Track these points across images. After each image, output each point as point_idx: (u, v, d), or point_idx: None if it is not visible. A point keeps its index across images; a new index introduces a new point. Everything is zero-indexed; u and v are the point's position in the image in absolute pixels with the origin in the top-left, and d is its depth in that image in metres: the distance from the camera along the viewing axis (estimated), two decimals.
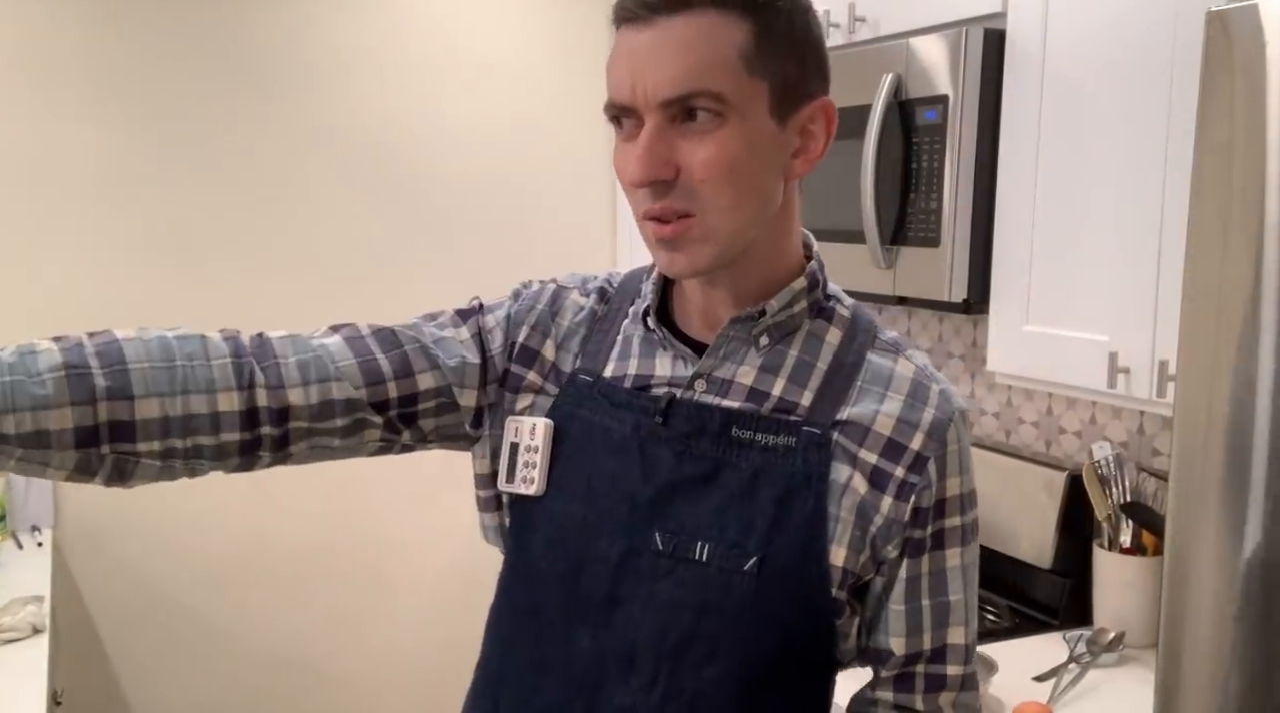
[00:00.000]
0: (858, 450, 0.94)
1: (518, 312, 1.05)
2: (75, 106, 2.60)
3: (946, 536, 0.97)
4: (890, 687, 1.01)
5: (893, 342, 1.03)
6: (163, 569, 2.79)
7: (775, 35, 0.89)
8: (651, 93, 0.87)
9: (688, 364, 0.98)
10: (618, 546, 0.95)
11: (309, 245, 2.86)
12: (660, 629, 0.94)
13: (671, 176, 0.88)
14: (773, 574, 0.92)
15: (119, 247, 2.67)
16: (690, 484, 0.95)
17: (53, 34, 2.57)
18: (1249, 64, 1.08)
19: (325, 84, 2.83)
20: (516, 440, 1.01)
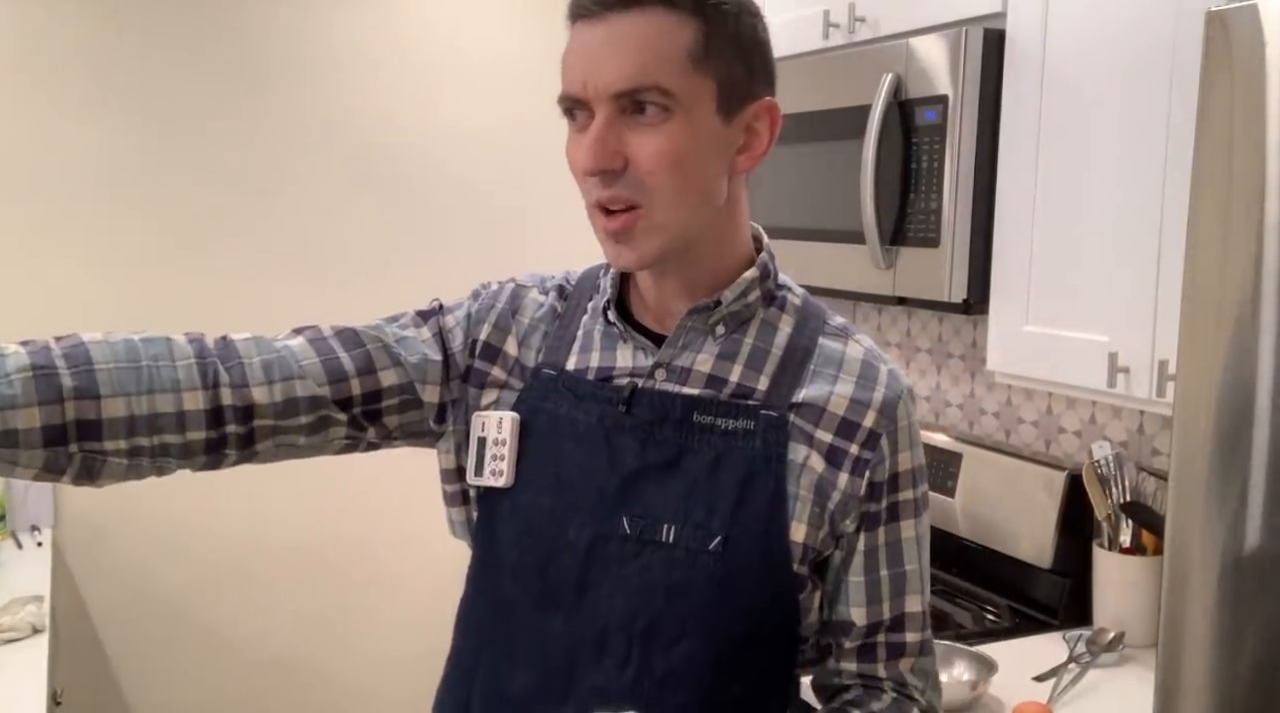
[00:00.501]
0: (814, 431, 0.99)
1: (478, 310, 1.08)
2: (76, 105, 2.60)
3: (900, 508, 1.02)
4: (854, 658, 1.05)
5: (841, 326, 1.06)
6: (163, 569, 2.79)
7: (722, 36, 0.93)
8: (602, 86, 0.91)
9: (647, 355, 1.02)
10: (586, 533, 0.98)
11: (309, 244, 2.86)
12: (631, 612, 0.97)
13: (620, 167, 0.92)
14: (737, 553, 0.96)
15: (120, 245, 2.67)
16: (655, 470, 0.98)
17: (53, 33, 2.57)
18: (1249, 64, 1.08)
19: (326, 83, 2.83)
20: (484, 435, 1.03)
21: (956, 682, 1.72)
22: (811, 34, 2.21)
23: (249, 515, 2.86)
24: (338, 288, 2.87)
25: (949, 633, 1.95)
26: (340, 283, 2.88)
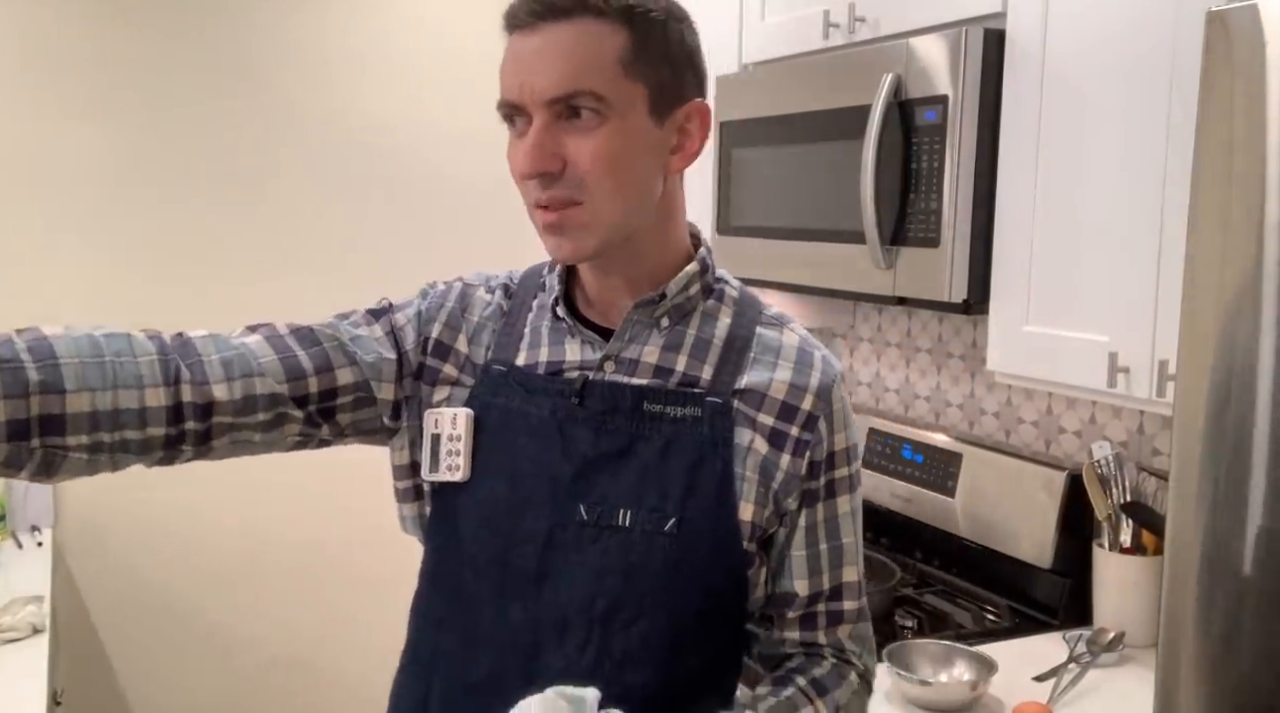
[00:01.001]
0: (756, 415, 1.05)
1: (428, 308, 1.10)
2: (76, 106, 2.60)
3: (837, 485, 1.09)
4: (796, 627, 1.10)
5: (776, 316, 1.12)
6: (163, 569, 2.79)
7: (651, 43, 0.98)
8: (538, 92, 0.95)
9: (595, 348, 1.06)
10: (544, 522, 1.02)
11: (308, 243, 2.86)
12: (590, 595, 1.01)
13: (558, 169, 0.96)
14: (690, 533, 1.01)
15: (119, 245, 2.67)
16: (608, 459, 1.03)
17: (53, 34, 2.57)
18: (1249, 64, 1.08)
19: (324, 84, 2.84)
20: (438, 432, 1.06)
21: (956, 682, 1.72)
22: (811, 34, 2.21)
23: (249, 516, 2.86)
24: (335, 287, 2.86)
25: (949, 633, 1.95)
26: (338, 282, 2.88)
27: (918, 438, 2.36)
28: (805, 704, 1.05)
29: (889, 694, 1.73)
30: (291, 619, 2.94)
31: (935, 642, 1.82)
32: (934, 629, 1.99)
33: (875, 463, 2.46)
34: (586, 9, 0.95)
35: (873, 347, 2.67)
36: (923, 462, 2.33)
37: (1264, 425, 1.09)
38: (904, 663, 1.74)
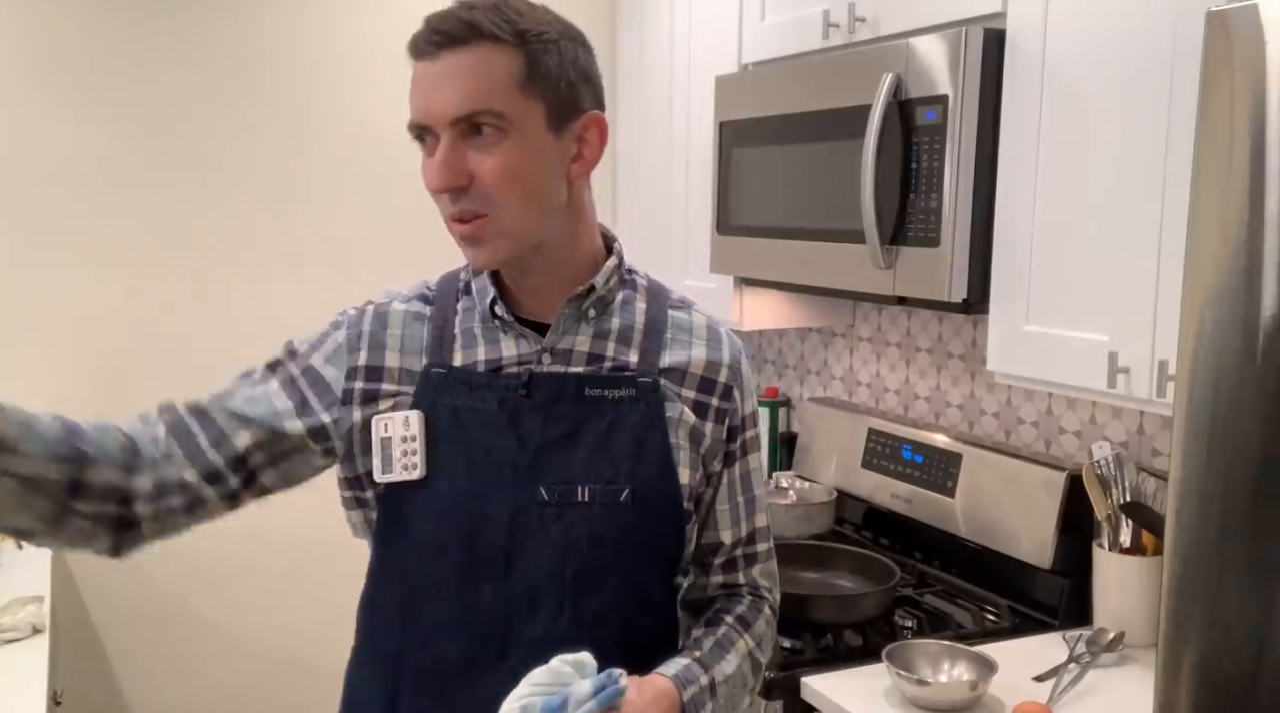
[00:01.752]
0: (680, 389, 1.18)
1: (348, 338, 1.18)
2: (75, 106, 2.60)
3: (748, 445, 1.24)
4: (721, 572, 1.26)
5: (680, 300, 1.25)
6: (162, 569, 2.79)
7: (545, 64, 1.06)
8: (443, 113, 1.04)
9: (531, 343, 1.15)
10: (507, 505, 1.11)
11: (308, 244, 2.86)
12: (560, 566, 1.11)
13: (466, 183, 1.05)
14: (642, 500, 1.13)
15: (118, 245, 2.67)
16: (560, 441, 1.12)
17: (52, 35, 2.57)
18: (1249, 64, 1.08)
19: (325, 84, 2.84)
20: (388, 435, 1.13)
21: (956, 682, 1.72)
22: (811, 34, 2.21)
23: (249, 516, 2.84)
24: (336, 287, 2.86)
25: (949, 633, 1.95)
26: (339, 283, 2.88)
27: (918, 438, 2.36)
28: (738, 638, 1.21)
29: (889, 694, 1.73)
30: (291, 619, 2.94)
31: (935, 642, 1.82)
32: (934, 629, 1.99)
33: (875, 463, 2.46)
34: (482, 36, 1.04)
35: (873, 347, 2.67)
36: (923, 462, 2.33)
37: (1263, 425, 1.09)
38: (904, 663, 1.74)
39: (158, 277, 2.71)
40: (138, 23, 2.63)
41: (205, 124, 2.73)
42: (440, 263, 1.53)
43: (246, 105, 2.76)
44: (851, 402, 2.73)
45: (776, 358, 3.04)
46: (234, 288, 2.77)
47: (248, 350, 2.78)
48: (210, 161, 2.74)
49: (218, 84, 2.72)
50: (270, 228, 2.81)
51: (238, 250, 2.78)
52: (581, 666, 1.00)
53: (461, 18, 1.04)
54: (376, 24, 2.86)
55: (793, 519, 2.42)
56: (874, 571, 2.11)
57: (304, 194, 2.84)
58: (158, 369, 2.72)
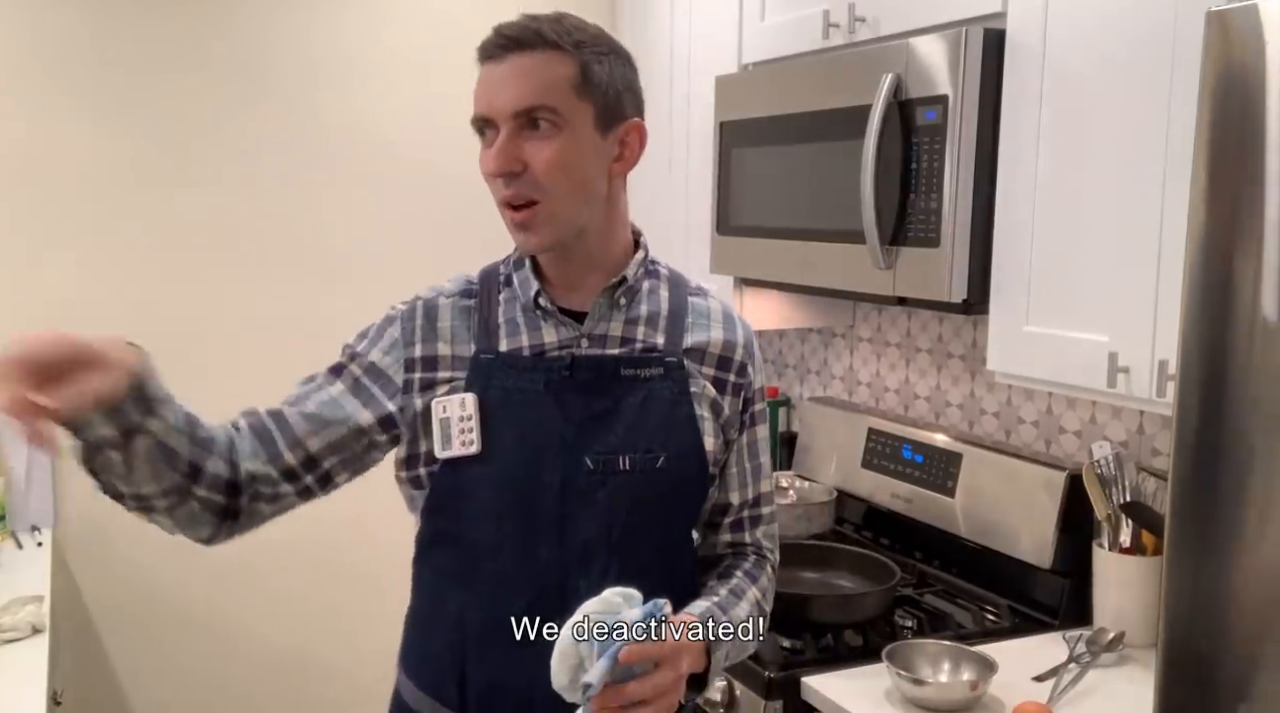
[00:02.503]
0: (701, 367, 1.32)
1: (404, 331, 1.29)
2: (81, 107, 2.60)
3: (757, 416, 1.38)
4: (729, 531, 1.39)
5: (699, 287, 1.40)
6: (163, 569, 2.79)
7: (596, 72, 1.20)
8: (505, 106, 1.18)
9: (570, 329, 1.28)
10: (558, 474, 1.23)
11: (308, 244, 2.86)
12: (606, 527, 1.24)
13: (520, 170, 1.18)
14: (677, 466, 1.27)
15: (119, 245, 2.68)
16: (601, 417, 1.25)
17: (52, 36, 2.57)
18: (1249, 64, 1.08)
19: (326, 84, 2.84)
20: (446, 416, 1.25)
21: (956, 682, 1.72)
22: (811, 34, 2.21)
23: None
24: (337, 288, 2.87)
25: (949, 633, 1.95)
26: (340, 283, 2.88)
27: (918, 438, 2.36)
28: (748, 588, 1.34)
29: (889, 694, 1.73)
30: (291, 619, 2.94)
31: (935, 642, 1.82)
32: (934, 629, 1.99)
33: (875, 463, 2.46)
34: (545, 43, 1.18)
35: (873, 347, 2.67)
36: (923, 462, 2.33)
37: (1263, 425, 1.09)
38: (904, 663, 1.74)
39: (157, 277, 2.71)
40: (146, 23, 2.63)
41: (206, 124, 2.73)
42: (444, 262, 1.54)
43: (248, 105, 2.76)
44: (851, 402, 2.73)
45: (776, 358, 3.04)
46: (242, 287, 2.77)
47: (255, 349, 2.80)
48: (211, 162, 2.74)
49: (226, 85, 2.72)
50: (271, 228, 2.81)
51: (238, 251, 2.78)
52: (630, 597, 1.11)
53: (529, 26, 1.19)
54: (384, 26, 2.86)
55: (793, 519, 2.42)
56: (874, 571, 2.11)
57: (305, 194, 2.84)
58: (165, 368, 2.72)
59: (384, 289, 2.98)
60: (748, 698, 1.84)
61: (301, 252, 2.85)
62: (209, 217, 2.76)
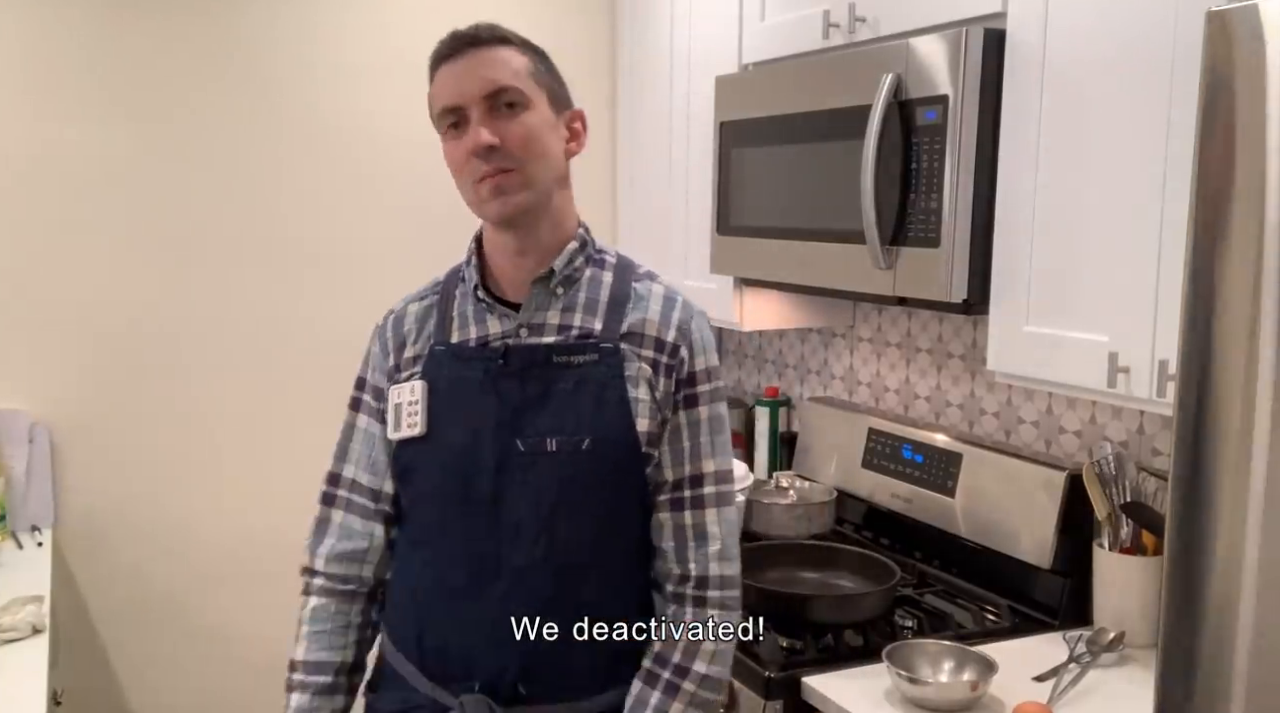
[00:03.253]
0: (639, 350, 1.37)
1: (381, 347, 1.45)
2: (80, 108, 2.60)
3: (697, 398, 1.40)
4: (668, 509, 1.40)
5: (647, 272, 1.45)
6: (163, 569, 2.79)
7: (544, 64, 1.37)
8: (475, 92, 1.30)
9: (510, 320, 1.38)
10: (493, 456, 1.33)
11: (309, 244, 2.86)
12: (536, 504, 1.33)
13: (498, 143, 1.29)
14: (602, 447, 1.33)
15: (118, 246, 2.67)
16: (534, 401, 1.34)
17: (51, 36, 2.57)
18: (1249, 64, 1.08)
19: (326, 85, 2.84)
20: (399, 401, 1.39)
21: (956, 682, 1.72)
22: (811, 34, 2.21)
23: (249, 515, 2.86)
24: (337, 288, 2.87)
25: (949, 633, 1.95)
26: (340, 283, 2.88)
27: (918, 438, 2.36)
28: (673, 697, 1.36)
29: (889, 694, 1.73)
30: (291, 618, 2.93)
31: (935, 642, 1.82)
32: (934, 629, 1.99)
33: (875, 463, 2.46)
34: (498, 41, 1.33)
35: (873, 347, 2.67)
36: (923, 462, 2.33)
37: (1264, 425, 1.09)
38: (904, 663, 1.74)
39: (165, 275, 2.71)
40: (139, 25, 2.63)
41: (206, 125, 2.72)
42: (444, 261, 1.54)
43: (249, 106, 2.75)
44: (851, 402, 2.73)
45: (776, 358, 3.04)
46: (242, 287, 2.77)
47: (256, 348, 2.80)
48: (212, 162, 2.74)
49: (218, 85, 2.72)
50: (271, 228, 2.81)
51: (238, 250, 2.78)
52: None
53: (481, 26, 1.33)
54: (386, 28, 2.86)
55: (793, 519, 2.42)
56: (874, 571, 2.11)
57: (305, 194, 2.84)
58: (168, 366, 2.72)
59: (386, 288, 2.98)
60: (748, 698, 1.84)
61: (302, 251, 2.85)
62: (209, 216, 2.75)
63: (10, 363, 2.59)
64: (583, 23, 3.06)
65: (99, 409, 2.69)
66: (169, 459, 2.76)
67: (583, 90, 3.06)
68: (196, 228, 2.74)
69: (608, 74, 3.09)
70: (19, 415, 2.58)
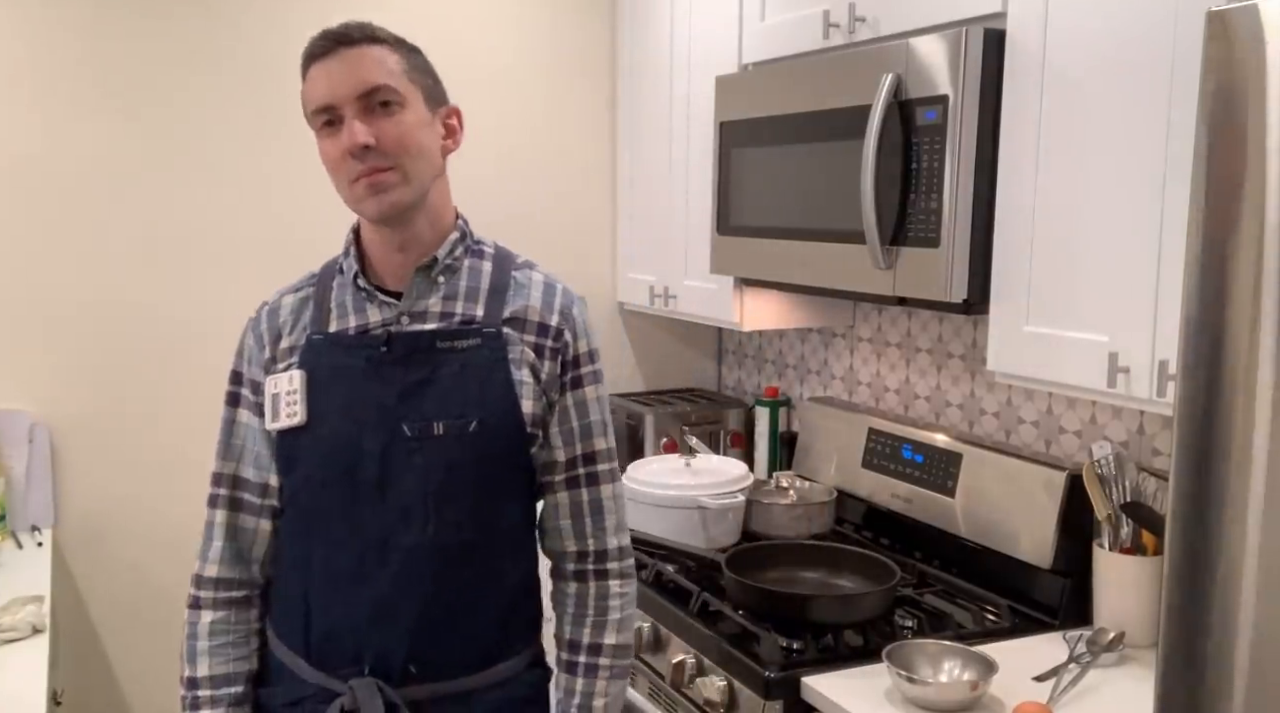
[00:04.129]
0: (521, 335, 1.40)
1: (256, 339, 1.44)
2: (74, 108, 2.60)
3: (583, 379, 1.45)
4: (564, 488, 1.46)
5: (525, 262, 1.48)
6: (163, 569, 2.79)
7: (414, 62, 1.37)
8: (348, 92, 1.30)
9: (391, 308, 1.39)
10: (378, 442, 1.35)
11: (310, 245, 2.86)
12: (424, 487, 1.35)
13: (371, 143, 1.30)
14: (488, 429, 1.36)
15: (118, 246, 2.67)
16: (418, 387, 1.36)
17: (51, 36, 2.57)
18: (1249, 64, 1.08)
19: None
20: (276, 391, 1.39)
21: (956, 682, 1.72)
22: (811, 34, 2.21)
23: None
24: None
25: (949, 633, 1.95)
26: None
27: (918, 438, 2.36)
28: None
29: (889, 694, 1.73)
30: None
31: (935, 642, 1.82)
32: (934, 629, 1.99)
33: (875, 463, 2.46)
34: (368, 39, 1.32)
35: (873, 347, 2.67)
36: (923, 462, 2.33)
37: (1264, 425, 1.09)
38: (904, 663, 1.74)
39: (165, 275, 2.71)
40: (138, 24, 2.63)
41: (214, 124, 2.72)
42: None
43: (248, 106, 2.75)
44: (851, 402, 2.73)
45: (776, 358, 3.04)
46: (242, 287, 2.77)
47: None
48: (218, 162, 2.74)
49: (218, 84, 2.72)
50: (271, 227, 2.81)
51: (246, 250, 2.78)
52: None
53: (351, 25, 1.33)
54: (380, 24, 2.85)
55: (793, 519, 2.42)
56: (874, 571, 2.11)
57: (305, 194, 2.84)
58: (164, 366, 2.72)
59: None
60: (748, 698, 1.84)
61: (303, 251, 2.85)
62: (210, 216, 2.75)
63: (10, 363, 2.59)
64: (582, 23, 3.06)
65: (99, 409, 2.69)
66: (169, 459, 2.76)
67: (583, 90, 3.09)
68: (197, 228, 2.74)
69: (608, 74, 3.09)
70: (19, 415, 2.58)
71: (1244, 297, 1.10)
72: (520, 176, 3.02)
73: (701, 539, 2.36)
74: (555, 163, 3.06)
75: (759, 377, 3.12)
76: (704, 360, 3.34)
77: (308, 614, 1.40)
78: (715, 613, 2.04)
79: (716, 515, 2.37)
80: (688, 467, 2.49)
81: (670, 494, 2.38)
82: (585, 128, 3.07)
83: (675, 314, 2.84)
